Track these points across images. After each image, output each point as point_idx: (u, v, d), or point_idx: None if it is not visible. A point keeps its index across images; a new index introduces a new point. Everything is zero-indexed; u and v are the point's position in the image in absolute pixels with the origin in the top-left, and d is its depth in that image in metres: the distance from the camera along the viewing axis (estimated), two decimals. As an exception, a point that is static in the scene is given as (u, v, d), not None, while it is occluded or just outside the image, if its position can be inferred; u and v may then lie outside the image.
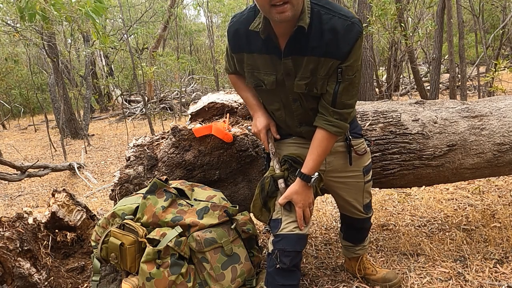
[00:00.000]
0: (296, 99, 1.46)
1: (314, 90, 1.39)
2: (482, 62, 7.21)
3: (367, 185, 1.69)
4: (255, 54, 1.41)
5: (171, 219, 1.66)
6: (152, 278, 1.55)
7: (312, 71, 1.36)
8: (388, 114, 2.03)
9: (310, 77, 1.37)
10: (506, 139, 1.98)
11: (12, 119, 14.30)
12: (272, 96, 1.50)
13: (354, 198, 1.70)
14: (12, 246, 1.83)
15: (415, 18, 7.46)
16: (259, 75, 1.45)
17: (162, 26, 12.19)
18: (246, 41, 1.41)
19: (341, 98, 1.39)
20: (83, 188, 5.00)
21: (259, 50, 1.40)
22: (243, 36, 1.41)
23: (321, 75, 1.36)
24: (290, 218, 1.51)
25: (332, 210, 2.94)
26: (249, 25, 1.37)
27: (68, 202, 2.11)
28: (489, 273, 1.92)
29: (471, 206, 2.78)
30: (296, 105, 1.47)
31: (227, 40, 1.49)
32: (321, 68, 1.35)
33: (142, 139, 2.14)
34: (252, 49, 1.41)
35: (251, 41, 1.40)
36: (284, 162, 1.55)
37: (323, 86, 1.38)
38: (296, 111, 1.49)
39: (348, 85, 1.38)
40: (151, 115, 9.83)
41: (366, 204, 1.74)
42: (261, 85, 1.47)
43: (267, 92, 1.50)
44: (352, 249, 1.91)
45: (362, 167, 1.64)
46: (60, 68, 8.28)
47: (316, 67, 1.35)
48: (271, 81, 1.43)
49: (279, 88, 1.45)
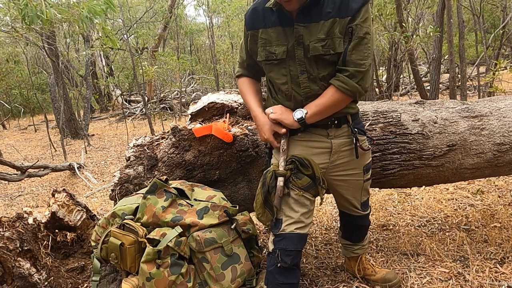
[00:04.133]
0: (304, 71, 1.49)
1: (330, 51, 1.44)
2: (482, 62, 7.21)
3: (366, 183, 1.70)
4: (269, 28, 1.51)
5: (171, 219, 1.66)
6: (152, 278, 1.55)
7: (327, 33, 1.43)
8: (388, 114, 2.03)
9: (325, 39, 1.43)
10: (506, 139, 1.98)
11: (12, 119, 14.29)
12: (280, 69, 1.53)
13: (353, 196, 1.71)
14: (12, 246, 1.83)
15: (416, 18, 7.46)
16: (270, 48, 1.52)
17: (162, 26, 12.19)
18: (262, 18, 1.53)
19: (351, 56, 1.42)
20: (83, 188, 5.00)
21: (273, 24, 1.50)
22: (260, 13, 1.53)
23: (337, 35, 1.42)
24: (291, 218, 1.52)
25: (332, 210, 2.94)
26: (265, 4, 1.52)
27: (68, 202, 2.11)
28: (489, 273, 1.92)
29: (471, 206, 2.78)
30: (303, 77, 1.49)
31: (244, 23, 1.60)
32: (336, 29, 1.42)
33: (142, 139, 2.14)
34: (267, 24, 1.52)
35: (266, 17, 1.52)
36: (290, 162, 1.54)
37: (340, 45, 1.43)
38: (303, 83, 1.50)
39: (358, 43, 1.42)
40: (151, 115, 9.83)
41: (363, 202, 1.75)
42: (272, 58, 1.52)
43: (276, 66, 1.53)
44: (351, 248, 1.91)
45: (363, 165, 1.65)
46: (60, 68, 8.28)
47: (332, 28, 1.42)
48: (282, 51, 1.49)
49: (289, 59, 1.49)
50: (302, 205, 1.53)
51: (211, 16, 13.99)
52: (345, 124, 1.58)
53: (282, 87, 1.55)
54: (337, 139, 1.57)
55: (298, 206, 1.52)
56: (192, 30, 16.09)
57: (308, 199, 1.54)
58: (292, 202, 1.53)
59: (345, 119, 1.57)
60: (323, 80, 1.49)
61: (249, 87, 1.70)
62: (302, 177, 1.52)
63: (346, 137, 1.57)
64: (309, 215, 1.56)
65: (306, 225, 1.54)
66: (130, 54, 7.34)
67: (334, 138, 1.56)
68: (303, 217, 1.53)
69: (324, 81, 1.49)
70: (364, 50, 1.43)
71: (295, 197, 1.52)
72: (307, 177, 1.52)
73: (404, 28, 5.96)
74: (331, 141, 1.56)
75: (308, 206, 1.54)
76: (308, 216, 1.55)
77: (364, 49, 1.43)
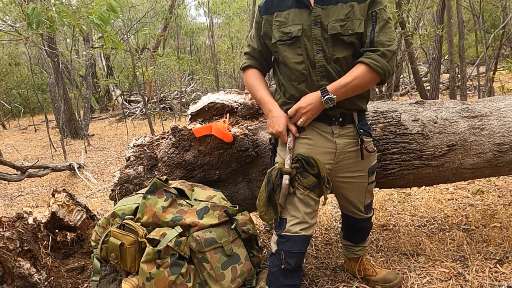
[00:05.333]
0: (319, 50, 1.48)
1: (349, 31, 1.45)
2: (482, 62, 7.20)
3: (370, 185, 1.69)
4: (285, 11, 1.53)
5: (171, 219, 1.66)
6: (152, 278, 1.55)
7: (347, 14, 1.45)
8: (388, 114, 2.03)
9: (345, 20, 1.45)
10: (506, 139, 1.97)
11: (12, 119, 14.29)
12: (295, 48, 1.52)
13: (357, 198, 1.70)
14: (12, 246, 1.83)
15: (416, 18, 7.46)
16: (285, 28, 1.52)
17: (162, 26, 12.19)
18: (277, 2, 1.56)
19: (379, 37, 1.45)
20: (83, 188, 5.00)
21: (289, 6, 1.52)
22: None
23: (358, 17, 1.45)
24: (296, 218, 1.51)
25: (332, 210, 2.94)
26: None
27: (68, 202, 2.11)
28: (489, 273, 1.92)
29: (471, 206, 2.78)
30: (319, 56, 1.49)
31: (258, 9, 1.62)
32: (356, 11, 1.45)
33: (142, 139, 2.14)
34: (282, 7, 1.54)
35: (281, 1, 1.55)
36: (296, 160, 1.53)
37: (360, 26, 1.45)
38: (318, 62, 1.49)
39: (383, 25, 1.46)
40: (151, 115, 9.83)
41: (367, 204, 1.74)
42: (286, 37, 1.51)
43: (291, 45, 1.52)
44: (352, 249, 1.91)
45: (368, 167, 1.63)
46: (60, 68, 8.28)
47: (351, 11, 1.45)
48: (297, 29, 1.49)
49: (304, 38, 1.49)
50: (307, 205, 1.52)
51: (211, 16, 13.98)
52: (351, 124, 1.56)
53: (298, 66, 1.52)
54: (342, 139, 1.55)
55: (303, 206, 1.51)
56: (193, 29, 16.08)
57: (313, 199, 1.53)
58: (297, 202, 1.51)
59: (351, 118, 1.56)
60: (336, 62, 1.49)
61: (259, 80, 1.68)
62: (308, 176, 1.51)
63: (352, 138, 1.56)
64: (313, 216, 1.55)
65: (310, 226, 1.53)
66: (130, 54, 7.33)
67: (338, 138, 1.54)
68: (308, 217, 1.52)
69: (337, 63, 1.49)
70: (390, 33, 1.47)
71: (300, 197, 1.51)
72: (313, 176, 1.51)
73: (407, 28, 5.96)
74: (335, 140, 1.54)
75: (312, 206, 1.53)
76: (313, 216, 1.54)
77: (390, 32, 1.47)
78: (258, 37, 1.65)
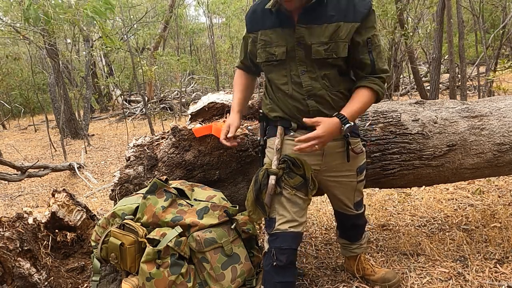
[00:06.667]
0: (305, 71, 1.50)
1: (333, 55, 1.45)
2: (482, 62, 7.20)
3: (359, 184, 1.71)
4: (269, 30, 1.53)
5: (171, 219, 1.66)
6: (152, 278, 1.55)
7: (331, 36, 1.44)
8: (388, 114, 2.03)
9: (329, 42, 1.44)
10: (506, 139, 1.98)
11: (12, 119, 14.29)
12: (281, 70, 1.54)
13: (346, 196, 1.72)
14: (12, 246, 1.83)
15: (415, 18, 7.46)
16: (270, 49, 1.53)
17: (162, 26, 12.19)
18: (261, 19, 1.55)
19: (378, 65, 1.50)
20: (83, 188, 5.00)
21: (273, 25, 1.51)
22: (260, 14, 1.55)
23: (342, 38, 1.44)
24: (284, 217, 1.53)
25: (332, 210, 2.94)
26: (265, 5, 1.52)
27: (68, 202, 2.11)
28: (489, 273, 1.92)
29: (471, 206, 2.78)
30: (305, 76, 1.50)
31: (245, 23, 1.63)
32: (341, 32, 1.43)
33: (142, 139, 2.14)
34: (266, 25, 1.53)
35: (266, 18, 1.53)
36: (283, 161, 1.56)
37: (344, 50, 1.45)
38: (304, 82, 1.51)
39: (379, 52, 1.50)
40: (151, 115, 9.83)
41: (357, 202, 1.76)
42: (272, 59, 1.53)
43: (276, 66, 1.54)
44: (348, 247, 1.92)
45: (356, 167, 1.65)
46: (61, 68, 8.28)
47: (336, 32, 1.43)
48: (282, 51, 1.50)
49: (289, 60, 1.50)
50: (294, 204, 1.54)
51: (211, 16, 13.99)
52: None
53: (283, 87, 1.55)
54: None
55: (291, 205, 1.54)
56: (193, 29, 16.09)
57: (301, 198, 1.55)
58: (285, 201, 1.54)
59: None
60: (325, 79, 1.50)
61: (241, 82, 1.77)
62: (295, 177, 1.53)
63: (339, 139, 1.57)
64: (302, 214, 1.56)
65: (300, 224, 1.55)
66: (130, 54, 7.33)
67: None
68: (297, 215, 1.54)
69: (325, 79, 1.50)
70: (383, 57, 1.52)
71: (288, 196, 1.54)
72: (299, 176, 1.54)
73: (406, 29, 5.96)
74: None
75: (301, 205, 1.55)
76: (302, 215, 1.56)
77: (383, 56, 1.51)
78: (245, 52, 1.70)
